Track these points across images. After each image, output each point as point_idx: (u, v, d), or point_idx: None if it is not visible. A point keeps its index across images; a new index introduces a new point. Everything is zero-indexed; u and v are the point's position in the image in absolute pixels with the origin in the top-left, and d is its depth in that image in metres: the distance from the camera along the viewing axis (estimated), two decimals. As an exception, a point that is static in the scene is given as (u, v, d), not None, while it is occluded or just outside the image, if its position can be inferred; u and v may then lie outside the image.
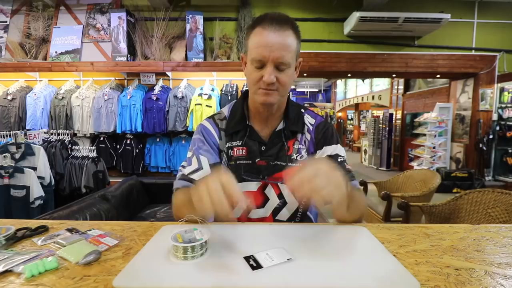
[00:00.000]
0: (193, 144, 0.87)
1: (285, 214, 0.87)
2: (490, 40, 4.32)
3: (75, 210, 1.50)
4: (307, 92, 14.16)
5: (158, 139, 3.84)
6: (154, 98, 3.63)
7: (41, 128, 3.58)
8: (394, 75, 5.20)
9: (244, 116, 0.87)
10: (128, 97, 3.65)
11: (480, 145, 4.40)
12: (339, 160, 0.84)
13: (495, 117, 4.46)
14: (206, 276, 0.49)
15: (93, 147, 2.71)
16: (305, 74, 4.67)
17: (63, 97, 3.69)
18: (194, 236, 0.57)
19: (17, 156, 2.28)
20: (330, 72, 4.61)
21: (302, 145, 0.87)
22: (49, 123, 3.72)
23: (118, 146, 3.88)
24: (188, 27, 3.84)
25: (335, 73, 5.11)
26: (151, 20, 4.02)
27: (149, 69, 3.78)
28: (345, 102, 11.80)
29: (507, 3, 4.27)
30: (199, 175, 0.81)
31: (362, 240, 0.66)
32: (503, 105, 4.42)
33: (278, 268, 0.52)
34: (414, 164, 5.36)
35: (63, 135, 2.78)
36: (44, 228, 0.72)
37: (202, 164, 0.83)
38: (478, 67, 4.30)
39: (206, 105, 3.54)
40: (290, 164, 0.84)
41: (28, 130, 3.58)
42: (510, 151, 4.47)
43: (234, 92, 3.70)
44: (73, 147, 2.71)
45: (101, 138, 3.85)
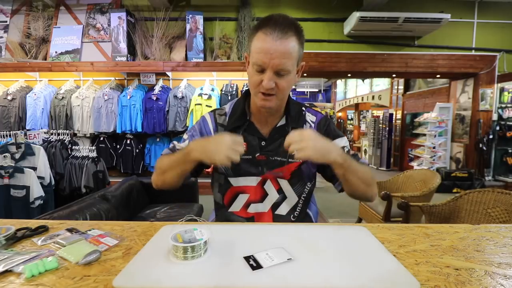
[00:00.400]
0: (189, 131, 0.95)
1: (284, 208, 0.88)
2: (490, 40, 4.32)
3: (75, 210, 1.49)
4: (307, 92, 14.14)
5: (158, 139, 3.84)
6: (154, 98, 3.63)
7: (41, 128, 3.58)
8: (394, 75, 5.20)
9: (245, 113, 0.89)
10: (128, 97, 3.65)
11: (480, 145, 4.40)
12: (346, 150, 0.87)
13: (495, 117, 4.46)
14: (206, 276, 0.49)
15: (93, 147, 2.71)
16: (305, 74, 4.66)
17: (63, 97, 3.69)
18: (194, 236, 0.57)
19: (17, 156, 2.27)
20: (330, 72, 4.62)
21: None
22: (49, 123, 3.72)
23: (118, 146, 3.88)
24: (188, 27, 3.83)
25: (335, 73, 5.11)
26: (151, 20, 4.02)
27: (149, 69, 3.77)
28: (345, 102, 11.78)
29: (507, 3, 4.27)
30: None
31: (362, 240, 0.66)
32: (503, 105, 4.41)
33: (278, 268, 0.52)
34: (414, 164, 5.35)
35: (63, 135, 2.78)
36: (44, 228, 0.72)
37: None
38: (478, 67, 4.30)
39: (206, 105, 3.54)
40: (290, 160, 0.86)
41: (28, 130, 3.58)
42: (510, 151, 4.46)
43: (234, 92, 3.70)
44: (73, 147, 2.71)
45: (101, 138, 3.85)
